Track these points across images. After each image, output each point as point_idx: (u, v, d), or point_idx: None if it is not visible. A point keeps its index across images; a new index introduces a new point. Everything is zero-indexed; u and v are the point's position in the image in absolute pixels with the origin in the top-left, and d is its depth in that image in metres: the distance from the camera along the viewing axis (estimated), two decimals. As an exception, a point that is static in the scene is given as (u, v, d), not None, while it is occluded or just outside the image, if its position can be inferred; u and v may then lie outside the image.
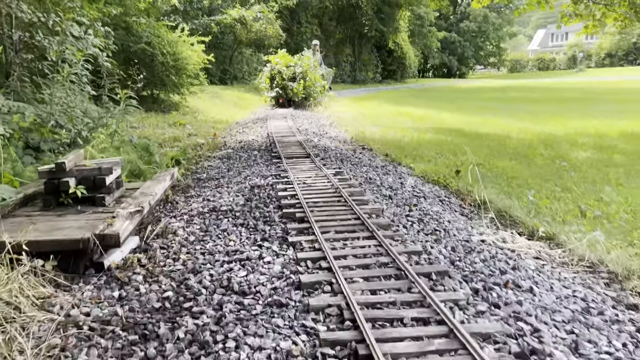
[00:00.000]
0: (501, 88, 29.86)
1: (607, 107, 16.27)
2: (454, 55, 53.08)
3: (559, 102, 19.15)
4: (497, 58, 59.78)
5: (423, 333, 2.08)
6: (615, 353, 2.22)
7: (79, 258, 3.28)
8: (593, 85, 31.10)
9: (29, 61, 8.07)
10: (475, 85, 34.48)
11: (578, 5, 11.18)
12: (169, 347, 2.26)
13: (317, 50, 18.90)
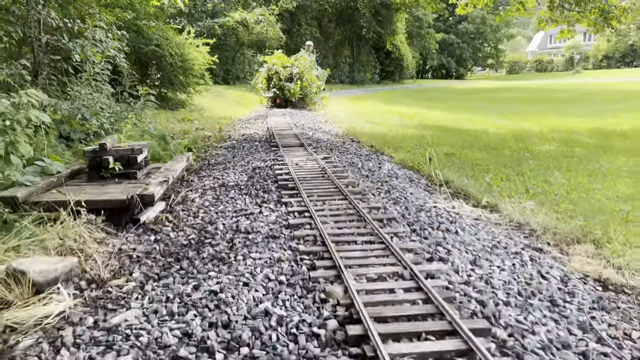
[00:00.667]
0: (495, 89, 30.91)
1: (590, 107, 17.29)
2: (452, 56, 54.15)
3: (547, 102, 20.19)
4: (495, 59, 60.82)
5: (368, 248, 3.13)
6: (502, 266, 3.27)
7: (122, 214, 4.34)
8: (585, 87, 32.13)
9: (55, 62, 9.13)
10: (471, 86, 35.53)
11: (554, 12, 12.21)
12: (197, 262, 3.31)
13: (311, 51, 18.95)
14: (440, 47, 52.95)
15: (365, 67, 34.15)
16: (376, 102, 18.96)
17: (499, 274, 3.09)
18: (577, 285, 3.22)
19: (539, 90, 28.82)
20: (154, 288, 2.92)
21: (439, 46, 52.40)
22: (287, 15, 25.96)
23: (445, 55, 55.02)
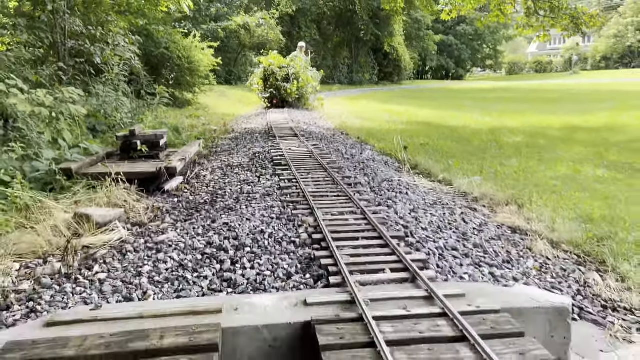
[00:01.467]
0: (489, 89, 32.14)
1: (573, 107, 18.50)
2: (451, 58, 55.41)
3: (533, 101, 21.42)
4: (494, 61, 62.04)
5: (336, 199, 4.38)
6: (434, 214, 4.51)
7: (151, 184, 5.61)
8: (577, 87, 33.34)
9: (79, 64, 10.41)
10: (467, 87, 36.79)
11: (530, 18, 13.45)
12: (212, 211, 4.57)
13: (304, 52, 18.74)
14: (439, 48, 54.20)
15: (364, 68, 35.47)
16: (371, 102, 20.23)
17: (428, 217, 4.34)
18: (490, 228, 4.46)
19: (531, 91, 30.05)
20: (183, 225, 4.18)
21: (438, 48, 53.65)
22: (288, 19, 27.30)
23: (444, 56, 56.27)
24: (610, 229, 4.49)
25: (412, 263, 2.88)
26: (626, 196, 5.69)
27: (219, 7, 22.22)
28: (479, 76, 65.54)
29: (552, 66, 67.59)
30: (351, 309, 2.37)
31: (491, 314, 2.29)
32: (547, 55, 72.08)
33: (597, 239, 4.29)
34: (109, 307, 2.56)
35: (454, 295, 2.48)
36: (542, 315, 2.42)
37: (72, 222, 4.23)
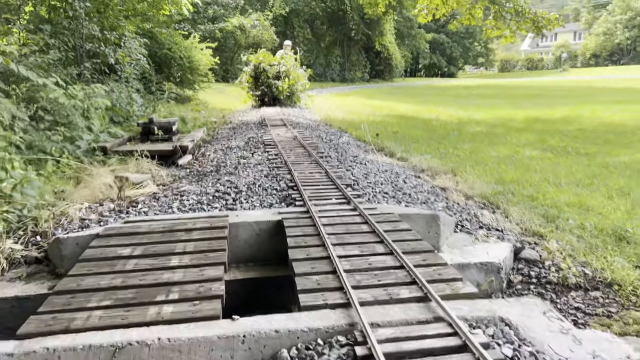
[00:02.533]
0: (476, 86, 33.83)
1: (546, 101, 20.21)
2: (443, 56, 57.13)
3: (511, 97, 23.11)
4: (485, 58, 63.78)
5: (309, 165, 6.01)
6: (382, 176, 6.13)
7: (167, 159, 7.22)
8: (560, 84, 35.09)
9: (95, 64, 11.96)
10: (454, 84, 38.49)
11: (498, 21, 15.10)
12: (217, 176, 6.18)
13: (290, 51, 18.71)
14: (431, 46, 55.95)
15: (356, 66, 37.12)
16: (358, 98, 21.86)
17: (376, 178, 5.97)
18: (423, 187, 6.09)
19: (514, 87, 31.77)
20: (196, 183, 5.80)
21: (431, 46, 55.39)
22: (282, 19, 28.90)
23: (437, 54, 58.00)
24: (514, 188, 6.14)
25: (351, 196, 4.51)
26: (541, 168, 7.35)
27: (216, 9, 23.81)
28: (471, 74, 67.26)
29: (542, 63, 69.36)
30: (306, 214, 4.00)
31: (387, 214, 3.93)
32: (538, 53, 73.90)
33: (500, 193, 5.93)
34: (160, 216, 4.18)
35: (369, 207, 4.12)
36: (422, 219, 4.05)
37: (114, 182, 5.84)
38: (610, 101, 19.24)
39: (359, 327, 2.23)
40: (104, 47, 11.90)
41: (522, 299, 2.88)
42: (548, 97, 23.14)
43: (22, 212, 4.65)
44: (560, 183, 6.49)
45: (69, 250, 3.71)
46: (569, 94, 24.92)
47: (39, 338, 2.23)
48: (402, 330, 2.21)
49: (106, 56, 11.85)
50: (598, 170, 7.25)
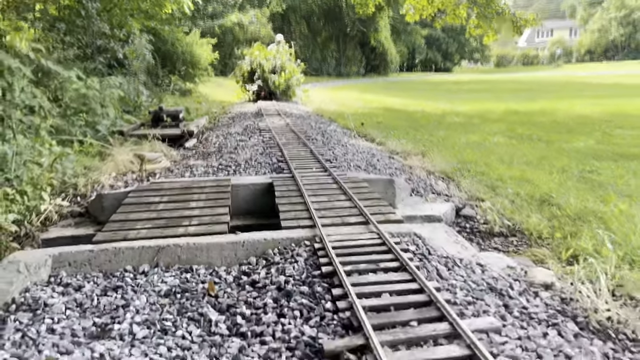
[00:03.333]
0: (468, 81, 34.99)
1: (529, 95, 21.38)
2: (439, 51, 58.24)
3: (497, 91, 24.28)
4: (480, 54, 64.90)
5: (298, 146, 7.19)
6: (359, 156, 7.32)
7: (176, 142, 8.40)
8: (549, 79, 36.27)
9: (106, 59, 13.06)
10: (448, 78, 39.65)
11: (480, 20, 16.24)
12: (219, 155, 7.36)
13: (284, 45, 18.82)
14: (427, 42, 57.04)
15: (351, 61, 38.25)
16: (351, 92, 23.02)
17: (353, 156, 7.15)
18: (394, 164, 7.27)
19: (504, 82, 32.94)
20: (202, 160, 6.97)
21: (427, 41, 56.48)
22: (278, 16, 29.99)
23: (433, 50, 59.10)
24: (471, 166, 7.33)
25: (328, 166, 5.69)
26: (501, 151, 8.54)
27: (215, 6, 24.90)
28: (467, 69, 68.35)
29: (538, 59, 70.46)
30: (291, 178, 5.18)
31: (353, 178, 5.11)
32: (534, 49, 75.01)
33: (458, 170, 7.12)
34: (177, 178, 5.37)
35: (340, 174, 5.32)
36: (381, 182, 5.23)
37: (134, 158, 7.02)
38: (591, 96, 20.44)
39: (319, 236, 3.42)
40: (113, 43, 13.03)
41: (432, 224, 4.05)
42: (534, 91, 24.33)
43: (63, 179, 5.83)
44: (513, 163, 7.68)
45: (108, 204, 4.88)
46: (555, 88, 26.11)
47: (107, 243, 3.41)
48: (346, 237, 3.40)
49: (115, 51, 12.99)
50: (550, 154, 8.44)
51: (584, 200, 5.58)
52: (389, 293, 2.58)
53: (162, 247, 3.35)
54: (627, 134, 10.77)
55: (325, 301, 2.59)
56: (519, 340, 2.26)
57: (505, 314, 2.51)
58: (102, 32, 12.88)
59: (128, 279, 3.08)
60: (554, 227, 4.81)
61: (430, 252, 3.24)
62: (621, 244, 4.02)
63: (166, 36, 17.20)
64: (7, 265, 3.17)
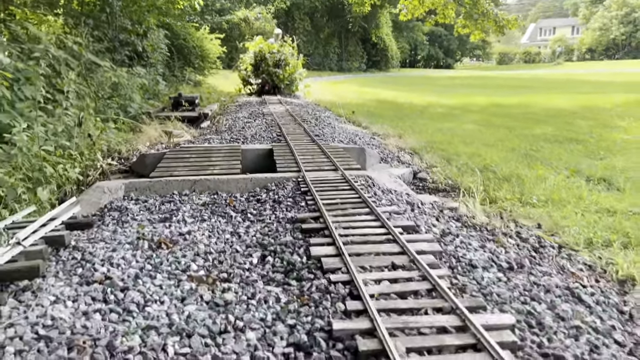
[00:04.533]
0: (465, 77, 36.56)
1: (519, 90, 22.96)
2: (440, 48, 59.66)
3: (488, 87, 25.86)
4: (482, 51, 66.24)
5: (294, 125, 8.90)
6: (344, 136, 9.01)
7: (193, 122, 10.13)
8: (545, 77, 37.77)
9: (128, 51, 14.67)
10: (447, 74, 41.22)
11: (467, 20, 17.85)
12: (230, 132, 9.07)
13: (281, 39, 18.79)
14: (430, 38, 58.50)
15: (353, 57, 39.86)
16: (350, 85, 24.67)
17: (339, 135, 8.84)
18: (373, 142, 8.96)
19: (499, 79, 34.49)
20: (217, 135, 8.69)
21: (429, 38, 57.95)
22: (283, 12, 31.62)
23: (435, 46, 60.54)
24: (436, 145, 9.00)
25: (316, 139, 7.38)
26: (467, 135, 10.19)
27: (223, 2, 26.55)
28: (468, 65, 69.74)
29: (540, 57, 71.70)
30: (286, 146, 6.88)
31: (334, 146, 6.81)
32: (536, 46, 76.24)
33: (424, 147, 8.79)
34: (200, 144, 7.09)
35: (325, 143, 7.01)
36: (355, 150, 6.93)
37: (162, 133, 8.73)
38: (575, 92, 21.97)
39: (302, 175, 5.13)
40: (134, 38, 14.72)
41: (380, 171, 5.74)
42: (524, 87, 25.89)
43: (109, 147, 7.56)
44: (473, 143, 9.34)
45: (149, 161, 6.59)
46: (545, 85, 27.63)
47: (159, 178, 5.12)
48: (320, 176, 5.11)
49: (135, 45, 14.68)
50: (509, 137, 10.09)
51: (515, 169, 7.25)
52: (340, 198, 4.29)
53: (197, 180, 5.06)
54: (585, 123, 12.38)
55: (301, 202, 4.31)
56: (413, 217, 3.97)
57: (408, 210, 4.21)
58: (124, 27, 14.56)
59: (176, 198, 4.79)
60: (482, 184, 6.49)
61: (374, 185, 4.94)
62: (524, 193, 5.73)
63: (179, 31, 18.89)
64: (95, 189, 4.91)
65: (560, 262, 3.79)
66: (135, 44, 14.77)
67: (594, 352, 2.30)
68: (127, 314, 2.47)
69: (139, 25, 14.88)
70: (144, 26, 15.21)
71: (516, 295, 2.82)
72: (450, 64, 61.94)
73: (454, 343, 2.11)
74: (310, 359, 2.09)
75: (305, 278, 2.87)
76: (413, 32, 51.59)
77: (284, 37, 19.60)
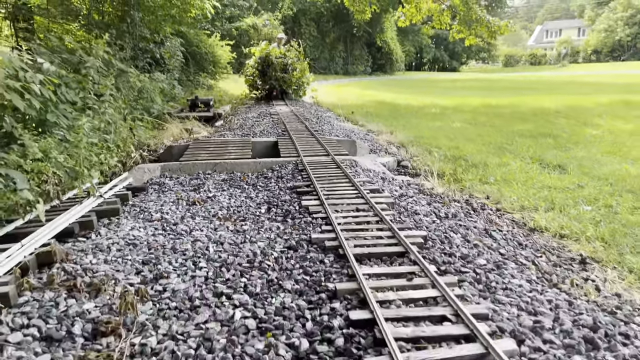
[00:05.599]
0: (467, 80, 37.76)
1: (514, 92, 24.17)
2: (446, 51, 60.86)
3: (490, 89, 27.10)
4: (487, 54, 67.33)
5: (297, 123, 10.29)
6: (340, 131, 10.38)
7: (209, 121, 11.58)
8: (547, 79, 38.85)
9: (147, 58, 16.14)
10: (450, 77, 42.44)
11: (461, 26, 19.13)
12: (242, 129, 10.48)
13: (283, 44, 18.75)
14: (435, 42, 59.76)
15: (358, 60, 41.26)
16: (354, 88, 26.04)
17: (337, 131, 10.20)
18: (367, 137, 10.31)
19: (500, 81, 35.66)
20: (230, 132, 10.10)
21: (435, 41, 59.21)
22: (290, 18, 33.13)
23: (440, 49, 61.76)
24: (422, 140, 10.33)
25: (315, 133, 8.75)
26: (452, 131, 11.50)
27: (232, 10, 28.08)
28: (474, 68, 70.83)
29: (546, 59, 72.56)
30: (289, 139, 8.26)
31: (330, 139, 8.17)
32: (542, 48, 77.12)
33: (411, 141, 10.12)
34: (217, 138, 8.49)
35: (322, 136, 8.38)
36: (348, 142, 8.29)
37: (182, 130, 10.16)
38: (568, 93, 23.16)
39: (300, 159, 6.50)
40: (152, 45, 16.22)
41: (364, 156, 7.08)
42: (521, 89, 27.09)
43: (139, 141, 8.98)
44: (455, 138, 10.65)
45: (175, 152, 8.00)
46: (543, 87, 28.80)
47: (187, 161, 6.52)
48: (315, 159, 6.48)
49: (154, 52, 16.18)
50: (489, 133, 11.37)
51: (485, 158, 8.55)
52: (328, 174, 5.66)
53: (217, 163, 6.45)
54: (565, 121, 13.63)
55: (298, 176, 5.69)
56: (381, 185, 5.31)
57: (380, 182, 5.56)
58: (143, 36, 16.06)
59: (201, 175, 6.19)
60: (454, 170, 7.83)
61: (357, 165, 6.30)
62: (486, 175, 7.06)
63: (192, 39, 20.41)
64: (137, 169, 6.33)
65: (491, 217, 5.12)
66: (154, 51, 16.26)
67: (479, 256, 3.63)
68: (180, 236, 3.85)
69: (156, 34, 16.37)
70: (161, 35, 16.70)
71: (441, 229, 4.16)
72: (455, 67, 63.10)
73: (386, 242, 3.47)
74: (297, 253, 3.45)
75: (297, 217, 4.24)
76: (418, 36, 52.89)
77: (289, 42, 19.80)
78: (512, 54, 75.92)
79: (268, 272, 3.14)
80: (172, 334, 2.42)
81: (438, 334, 2.34)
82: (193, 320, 2.54)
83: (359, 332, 2.42)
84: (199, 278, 3.03)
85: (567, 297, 3.05)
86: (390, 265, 3.22)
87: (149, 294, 2.77)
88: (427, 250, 3.53)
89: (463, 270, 3.25)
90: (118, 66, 11.22)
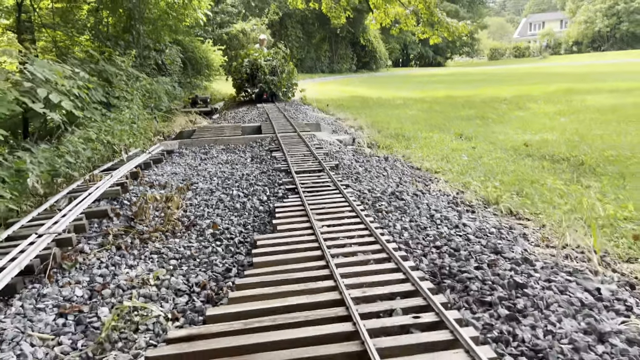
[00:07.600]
0: (446, 74, 40.81)
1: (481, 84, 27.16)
2: (430, 47, 63.89)
3: (462, 82, 30.08)
4: (470, 48, 70.52)
5: (279, 114, 13.23)
6: (312, 120, 13.33)
7: (207, 115, 14.54)
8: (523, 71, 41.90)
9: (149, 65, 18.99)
10: (428, 72, 45.52)
11: (425, 27, 22.12)
12: (235, 119, 13.41)
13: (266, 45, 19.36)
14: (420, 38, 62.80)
15: (343, 59, 44.25)
16: (335, 85, 29.02)
17: (309, 119, 13.15)
18: (336, 123, 13.26)
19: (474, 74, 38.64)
20: (225, 122, 13.03)
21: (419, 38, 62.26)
22: (277, 22, 36.05)
23: (425, 46, 64.81)
24: (378, 124, 13.29)
25: (290, 119, 11.69)
26: (406, 118, 14.46)
27: (223, 17, 30.98)
28: (460, 62, 73.97)
29: (529, 51, 75.77)
30: (270, 123, 11.20)
31: (300, 122, 11.13)
32: (526, 41, 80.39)
33: (369, 125, 13.08)
34: (215, 124, 11.45)
35: (294, 120, 11.34)
36: (314, 125, 11.25)
37: (187, 121, 13.09)
38: (529, 83, 26.11)
39: (275, 135, 9.47)
40: (154, 53, 19.09)
41: (322, 132, 10.02)
42: (489, 81, 30.07)
43: (156, 129, 11.92)
44: (404, 122, 13.60)
45: (185, 135, 10.93)
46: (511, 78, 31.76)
47: (196, 138, 9.47)
48: (286, 134, 9.48)
49: (156, 59, 19.05)
50: (434, 118, 14.34)
51: (419, 134, 11.50)
52: (293, 142, 8.63)
53: (217, 139, 9.39)
54: (505, 107, 16.56)
55: (272, 144, 8.66)
56: (325, 146, 8.27)
57: (327, 145, 8.51)
58: (146, 45, 18.93)
59: (207, 147, 9.12)
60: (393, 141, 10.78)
61: (315, 138, 9.26)
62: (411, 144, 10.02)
63: (187, 45, 23.32)
64: (162, 144, 9.26)
65: (395, 164, 8.07)
66: (157, 58, 19.15)
67: (366, 173, 6.58)
68: (200, 172, 6.79)
69: (158, 44, 19.26)
70: (162, 44, 19.60)
71: (352, 165, 7.10)
72: (440, 62, 66.21)
73: (314, 167, 6.44)
74: (266, 173, 6.41)
75: (268, 161, 7.19)
76: (402, 33, 55.92)
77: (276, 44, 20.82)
78: (497, 47, 79.11)
79: (250, 180, 6.10)
80: (203, 199, 5.37)
81: (323, 186, 5.29)
82: (213, 194, 5.49)
83: (289, 188, 5.39)
84: (214, 183, 5.99)
85: (406, 189, 6.00)
86: (312, 174, 6.18)
87: (189, 188, 5.72)
88: (336, 170, 6.49)
89: (351, 177, 6.20)
90: (134, 73, 14.15)
